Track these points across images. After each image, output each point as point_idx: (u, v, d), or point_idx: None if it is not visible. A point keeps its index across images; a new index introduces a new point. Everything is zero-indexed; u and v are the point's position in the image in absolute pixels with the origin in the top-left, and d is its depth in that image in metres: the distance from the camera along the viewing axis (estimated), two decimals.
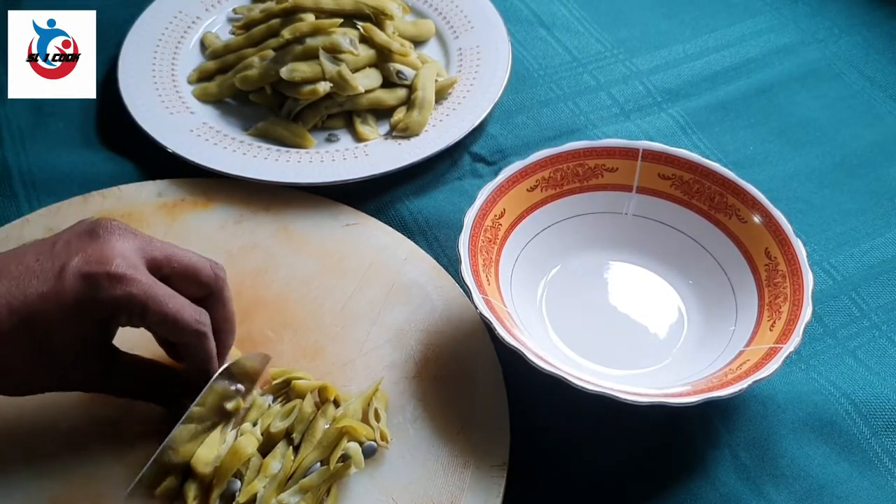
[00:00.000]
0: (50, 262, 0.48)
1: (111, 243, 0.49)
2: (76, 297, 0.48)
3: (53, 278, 0.48)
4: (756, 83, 0.81)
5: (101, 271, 0.48)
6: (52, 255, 0.49)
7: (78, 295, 0.48)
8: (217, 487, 0.51)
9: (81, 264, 0.48)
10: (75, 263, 0.48)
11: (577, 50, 0.83)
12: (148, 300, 0.49)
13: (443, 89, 0.75)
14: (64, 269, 0.48)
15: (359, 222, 0.67)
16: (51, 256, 0.49)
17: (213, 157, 0.69)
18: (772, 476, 0.55)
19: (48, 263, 0.48)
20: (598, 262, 0.65)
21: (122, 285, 0.48)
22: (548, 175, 0.64)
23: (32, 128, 0.74)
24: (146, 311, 0.49)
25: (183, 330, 0.50)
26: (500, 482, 0.53)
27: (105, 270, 0.48)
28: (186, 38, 0.80)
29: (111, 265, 0.48)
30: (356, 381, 0.57)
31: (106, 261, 0.48)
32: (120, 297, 0.48)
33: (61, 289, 0.47)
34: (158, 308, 0.49)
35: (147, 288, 0.49)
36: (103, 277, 0.48)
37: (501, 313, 0.56)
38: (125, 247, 0.50)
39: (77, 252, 0.49)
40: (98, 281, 0.48)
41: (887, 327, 0.63)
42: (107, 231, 0.50)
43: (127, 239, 0.50)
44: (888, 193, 0.72)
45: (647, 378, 0.58)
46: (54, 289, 0.47)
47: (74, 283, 0.48)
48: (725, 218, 0.62)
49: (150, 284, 0.49)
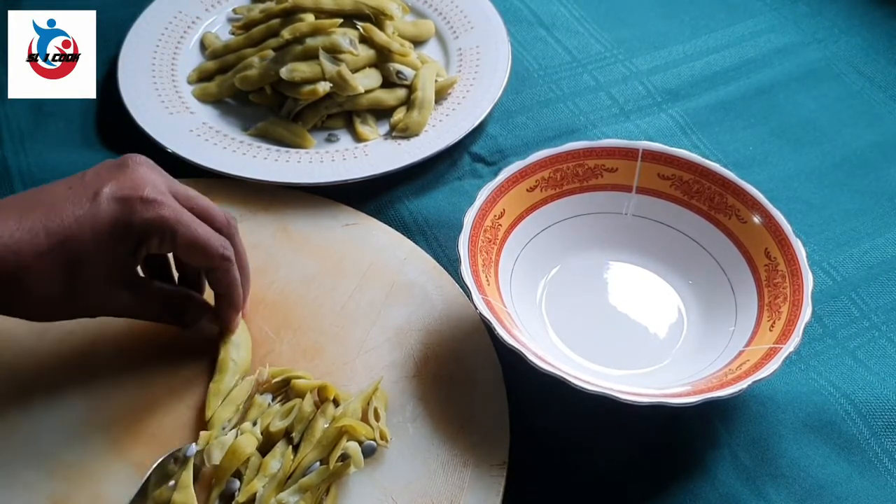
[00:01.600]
0: (83, 188, 0.51)
1: (140, 172, 0.52)
2: (111, 219, 0.50)
3: (88, 202, 0.50)
4: (756, 83, 0.81)
5: (134, 195, 0.50)
6: (83, 183, 0.51)
7: (113, 217, 0.50)
8: (216, 487, 0.51)
9: (115, 189, 0.50)
10: (109, 189, 0.50)
11: (576, 50, 0.83)
12: (179, 224, 0.51)
13: (443, 89, 0.75)
14: (98, 194, 0.50)
15: (358, 222, 0.67)
16: (83, 184, 0.51)
17: (212, 157, 0.69)
18: (772, 476, 0.55)
19: (81, 190, 0.50)
20: (598, 262, 0.65)
21: (154, 208, 0.50)
22: (547, 175, 0.64)
23: (32, 128, 0.74)
24: (176, 234, 0.51)
25: (211, 255, 0.53)
26: (499, 481, 0.53)
27: (138, 195, 0.50)
28: (186, 38, 0.80)
29: (143, 190, 0.51)
30: (356, 381, 0.57)
31: (138, 186, 0.51)
32: (153, 219, 0.50)
33: (96, 212, 0.49)
34: (188, 231, 0.52)
35: (177, 213, 0.51)
36: (136, 201, 0.50)
37: (501, 313, 0.56)
38: (154, 177, 0.52)
39: (109, 179, 0.51)
40: (132, 204, 0.50)
41: (887, 328, 0.63)
42: (136, 163, 0.53)
43: (154, 171, 0.53)
44: (888, 193, 0.72)
45: (647, 378, 0.58)
46: (90, 212, 0.49)
47: (109, 206, 0.50)
48: (725, 218, 0.62)
49: (181, 210, 0.52)
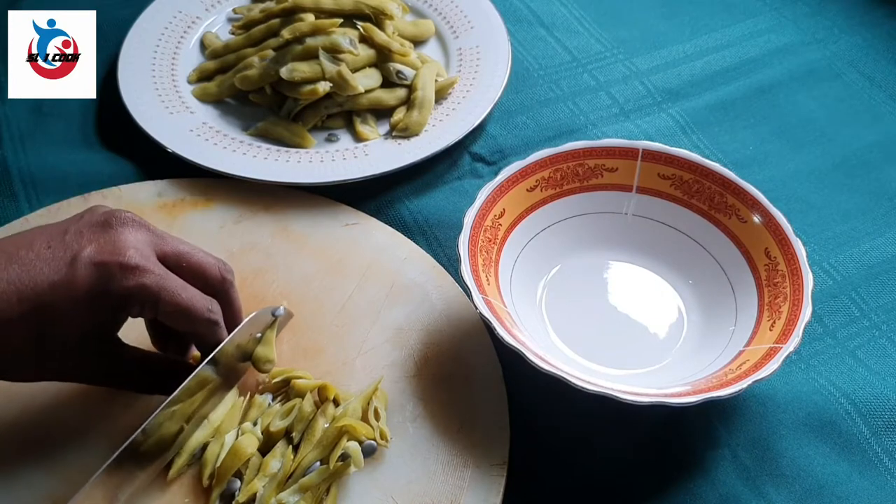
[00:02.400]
0: (62, 250, 0.48)
1: (124, 234, 0.49)
2: (88, 286, 0.47)
3: (65, 266, 0.47)
4: (756, 83, 0.81)
5: (113, 261, 0.48)
6: (63, 243, 0.48)
7: (90, 285, 0.47)
8: (217, 487, 0.51)
9: (94, 254, 0.48)
10: (88, 253, 0.48)
11: (577, 50, 0.83)
12: (161, 291, 0.49)
13: (443, 89, 0.75)
14: (76, 259, 0.47)
15: (359, 222, 0.67)
16: (63, 244, 0.48)
17: (212, 157, 0.69)
18: (772, 476, 0.55)
19: (60, 252, 0.48)
20: (598, 262, 0.65)
21: (134, 276, 0.48)
22: (548, 175, 0.64)
23: (32, 128, 0.74)
24: (159, 302, 0.49)
25: (196, 320, 0.50)
26: (499, 481, 0.53)
27: (118, 261, 0.48)
28: (186, 38, 0.80)
29: (124, 256, 0.48)
30: (356, 381, 0.57)
31: (119, 251, 0.48)
32: (132, 287, 0.48)
33: (73, 278, 0.47)
34: (171, 298, 0.49)
35: (159, 279, 0.49)
36: (116, 267, 0.48)
37: (501, 313, 0.56)
38: (138, 238, 0.49)
39: (90, 242, 0.48)
40: (111, 271, 0.47)
41: (887, 327, 0.63)
42: (119, 222, 0.50)
43: (139, 231, 0.50)
44: (888, 193, 0.72)
45: (647, 378, 0.58)
46: (66, 278, 0.47)
47: (87, 272, 0.47)
48: (725, 218, 0.62)
49: (163, 275, 0.49)
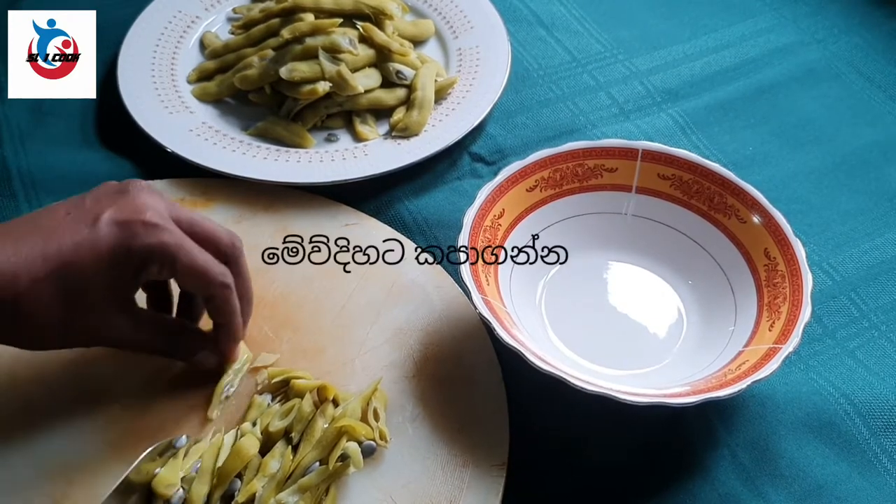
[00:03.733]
0: (83, 213, 0.50)
1: (142, 197, 0.51)
2: (111, 244, 0.49)
3: (87, 227, 0.49)
4: (756, 83, 0.81)
5: (135, 219, 0.49)
6: (83, 208, 0.50)
7: (113, 242, 0.49)
8: (219, 487, 0.51)
9: (115, 213, 0.49)
10: (109, 214, 0.49)
11: (576, 50, 0.83)
12: (180, 249, 0.50)
13: (442, 89, 0.75)
14: (98, 219, 0.49)
15: (359, 222, 0.67)
16: (82, 209, 0.50)
17: (212, 157, 0.69)
18: (771, 476, 0.55)
19: (80, 215, 0.49)
20: (598, 262, 0.65)
21: (156, 233, 0.49)
22: (547, 175, 0.64)
23: (32, 128, 0.74)
24: (176, 260, 0.50)
25: (211, 282, 0.52)
26: (499, 482, 0.53)
27: (140, 218, 0.49)
28: (186, 38, 0.80)
29: (145, 214, 0.50)
30: (355, 381, 0.57)
31: (139, 210, 0.50)
32: (154, 244, 0.49)
33: (96, 237, 0.48)
34: (188, 258, 0.51)
35: (179, 238, 0.50)
36: (138, 225, 0.49)
37: (501, 313, 0.56)
38: (155, 201, 0.51)
39: (109, 205, 0.50)
40: (133, 228, 0.49)
41: (886, 328, 0.63)
42: (136, 188, 0.51)
43: (155, 196, 0.52)
44: (888, 193, 0.72)
45: (646, 378, 0.58)
46: (88, 237, 0.48)
47: (109, 231, 0.49)
48: (725, 218, 0.62)
49: (182, 236, 0.51)
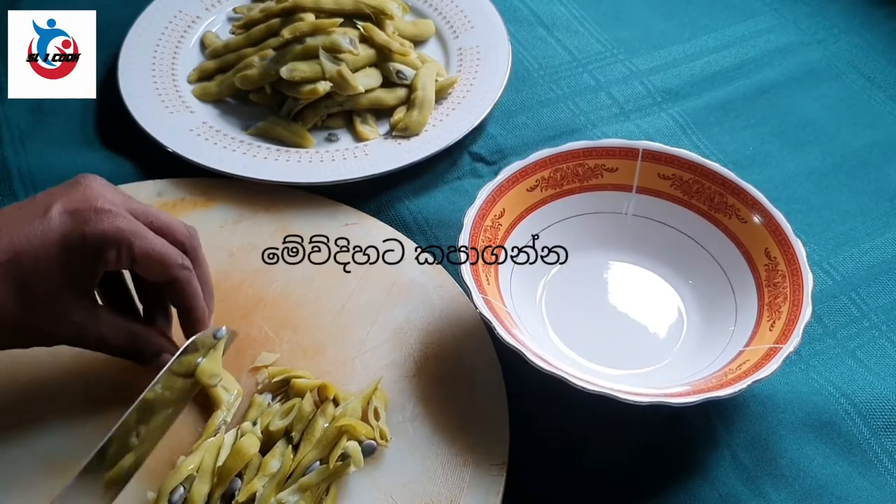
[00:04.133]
0: (33, 206, 0.49)
1: (94, 187, 0.50)
2: (63, 232, 0.48)
3: (38, 218, 0.48)
4: (756, 83, 0.81)
5: (86, 207, 0.49)
6: (34, 202, 0.50)
7: (65, 230, 0.48)
8: (220, 487, 0.51)
9: (66, 203, 0.49)
10: (60, 204, 0.49)
11: (577, 50, 0.83)
12: (135, 235, 0.49)
13: (443, 89, 0.75)
14: (49, 210, 0.48)
15: (359, 222, 0.67)
16: (33, 203, 0.49)
17: (212, 157, 0.69)
18: (771, 476, 0.55)
19: (31, 208, 0.49)
20: (598, 262, 0.65)
21: (109, 218, 0.49)
22: (547, 175, 0.64)
23: (32, 127, 0.74)
24: (133, 245, 0.49)
25: (170, 266, 0.51)
26: (499, 481, 0.53)
27: (92, 205, 0.49)
28: (186, 38, 0.80)
29: (97, 202, 0.49)
30: (356, 380, 0.57)
31: (91, 199, 0.49)
32: (108, 230, 0.49)
33: (47, 227, 0.48)
34: (145, 243, 0.50)
35: (133, 224, 0.50)
36: (90, 212, 0.49)
37: (501, 313, 0.56)
38: (108, 191, 0.51)
39: (61, 196, 0.49)
40: (85, 216, 0.48)
41: (887, 327, 0.63)
42: (88, 179, 0.51)
43: (108, 187, 0.51)
44: (888, 193, 0.72)
45: (647, 378, 0.58)
46: (39, 227, 0.48)
47: (60, 220, 0.48)
48: (725, 218, 0.62)
49: (136, 222, 0.50)
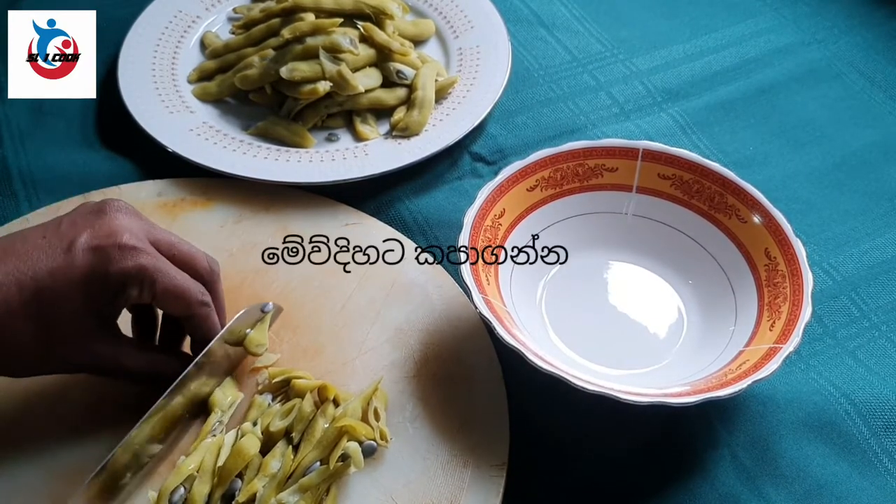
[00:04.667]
0: (57, 238, 0.49)
1: (118, 219, 0.50)
2: (86, 270, 0.48)
3: (62, 253, 0.48)
4: (756, 83, 0.81)
5: (110, 244, 0.49)
6: (58, 232, 0.49)
7: (88, 268, 0.48)
8: (220, 487, 0.51)
9: (90, 238, 0.49)
10: (84, 238, 0.49)
11: (577, 50, 0.83)
12: (157, 272, 0.49)
13: (443, 89, 0.75)
14: (73, 244, 0.48)
15: (359, 222, 0.67)
16: (58, 233, 0.49)
17: (213, 157, 0.69)
18: (771, 476, 0.55)
19: (56, 240, 0.49)
20: (598, 262, 0.65)
21: (132, 256, 0.49)
22: (548, 175, 0.64)
23: (32, 128, 0.74)
24: (156, 283, 0.49)
25: (190, 302, 0.51)
26: (499, 481, 0.53)
27: (115, 242, 0.49)
28: (186, 38, 0.80)
29: (121, 238, 0.49)
30: (356, 381, 0.57)
31: (114, 234, 0.49)
32: (130, 268, 0.49)
33: (71, 263, 0.48)
34: (168, 280, 0.50)
35: (156, 261, 0.50)
36: (114, 249, 0.48)
37: (501, 313, 0.56)
38: (132, 223, 0.51)
39: (85, 228, 0.49)
40: (108, 253, 0.48)
41: (887, 327, 0.63)
42: (113, 209, 0.51)
43: (132, 217, 0.51)
44: (888, 193, 0.72)
45: (647, 378, 0.58)
46: (64, 263, 0.48)
47: (84, 256, 0.48)
48: (725, 218, 0.62)
49: (159, 258, 0.50)
